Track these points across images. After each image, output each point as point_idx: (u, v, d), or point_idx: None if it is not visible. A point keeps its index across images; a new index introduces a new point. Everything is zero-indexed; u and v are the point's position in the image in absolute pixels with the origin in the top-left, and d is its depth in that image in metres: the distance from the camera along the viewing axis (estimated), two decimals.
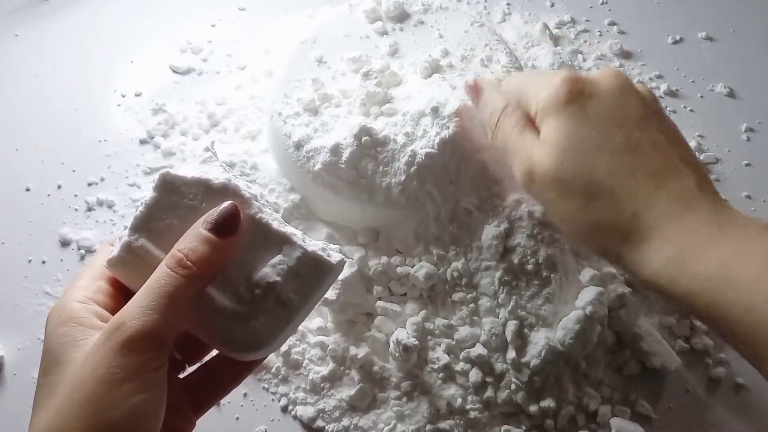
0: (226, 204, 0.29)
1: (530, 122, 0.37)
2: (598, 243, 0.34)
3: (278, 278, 0.30)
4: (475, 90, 0.42)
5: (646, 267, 0.32)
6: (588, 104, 0.34)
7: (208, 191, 0.30)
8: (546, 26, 0.63)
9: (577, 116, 0.34)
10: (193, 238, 0.28)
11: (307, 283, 0.30)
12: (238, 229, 0.29)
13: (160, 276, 0.28)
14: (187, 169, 0.31)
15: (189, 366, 0.34)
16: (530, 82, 0.38)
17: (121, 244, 0.30)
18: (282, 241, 0.30)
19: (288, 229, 0.31)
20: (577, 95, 0.35)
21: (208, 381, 0.33)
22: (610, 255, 0.34)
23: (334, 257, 0.31)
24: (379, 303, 0.46)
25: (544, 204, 0.37)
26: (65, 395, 0.26)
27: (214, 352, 0.34)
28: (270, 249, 0.30)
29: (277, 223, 0.31)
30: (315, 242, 0.31)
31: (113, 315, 0.28)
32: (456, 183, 0.44)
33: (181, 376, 0.33)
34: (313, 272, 0.30)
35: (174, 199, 0.30)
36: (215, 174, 0.31)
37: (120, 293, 0.31)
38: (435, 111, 0.44)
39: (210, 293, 0.29)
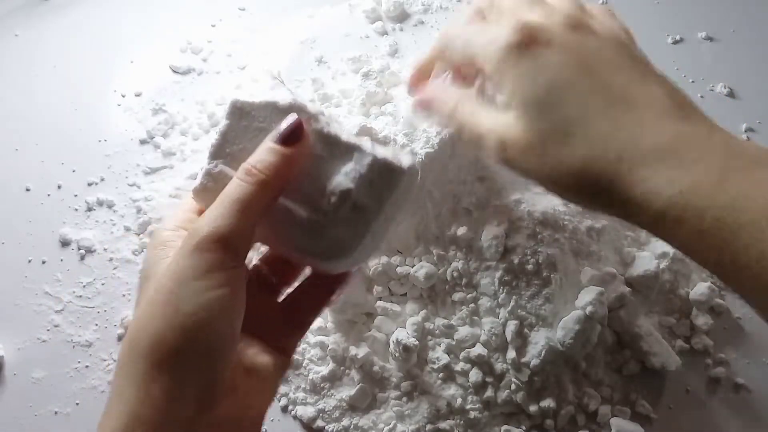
0: (290, 117, 0.31)
1: (480, 89, 0.34)
2: (589, 193, 0.30)
3: (351, 185, 0.30)
4: (424, 105, 0.38)
5: (649, 207, 0.28)
6: (544, 53, 0.31)
7: (276, 112, 0.32)
8: None
9: (535, 69, 0.31)
10: (261, 151, 0.30)
11: (381, 189, 0.31)
12: (302, 137, 0.30)
13: (231, 186, 0.29)
14: (256, 95, 0.33)
15: (284, 289, 0.35)
16: (474, 35, 0.34)
17: (202, 172, 0.33)
18: (352, 150, 0.31)
19: (357, 140, 0.31)
20: (530, 45, 0.31)
21: (303, 301, 0.34)
22: (606, 203, 0.30)
23: (405, 161, 0.31)
24: (379, 303, 0.46)
25: (525, 172, 0.33)
26: (149, 299, 0.28)
27: (307, 274, 0.35)
28: (342, 159, 0.31)
29: (345, 134, 0.32)
30: (386, 149, 0.32)
31: None
32: (456, 183, 0.44)
33: (279, 299, 0.34)
34: (385, 177, 0.31)
35: (245, 124, 0.32)
36: (282, 96, 0.33)
37: None
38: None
39: (289, 208, 0.31)
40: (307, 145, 0.31)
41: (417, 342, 0.43)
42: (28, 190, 0.54)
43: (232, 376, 0.29)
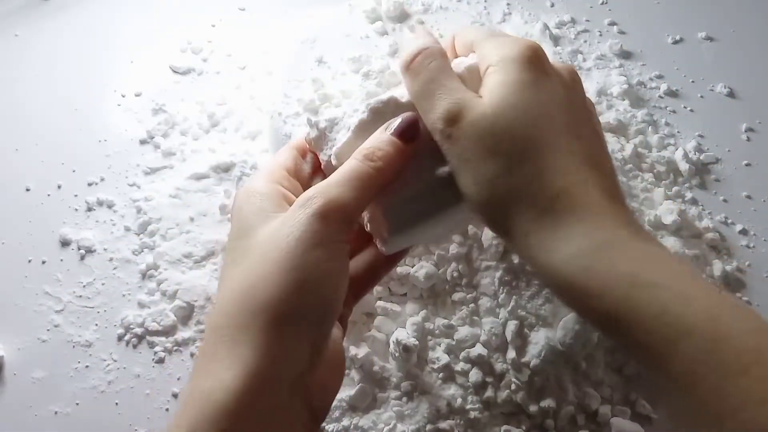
0: (408, 114, 0.33)
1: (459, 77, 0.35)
2: (506, 216, 0.31)
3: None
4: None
5: (558, 252, 0.29)
6: (544, 80, 0.33)
7: (398, 107, 0.35)
8: (546, 26, 0.63)
9: (532, 84, 0.32)
10: (380, 139, 0.32)
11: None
12: (417, 136, 0.33)
13: (352, 164, 0.31)
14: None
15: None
16: (489, 37, 0.35)
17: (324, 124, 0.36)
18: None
19: None
20: (538, 66, 0.33)
21: (366, 270, 0.37)
22: (514, 232, 0.31)
23: None
24: (379, 303, 0.46)
25: (458, 159, 0.32)
26: (261, 253, 0.29)
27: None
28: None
29: None
30: None
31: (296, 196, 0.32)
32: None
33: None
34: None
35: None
36: (402, 92, 0.35)
37: (302, 185, 0.35)
38: None
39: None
40: (419, 143, 0.33)
41: (417, 342, 0.43)
42: (28, 190, 0.54)
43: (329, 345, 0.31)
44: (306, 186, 0.35)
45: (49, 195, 0.54)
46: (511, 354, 0.43)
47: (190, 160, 0.55)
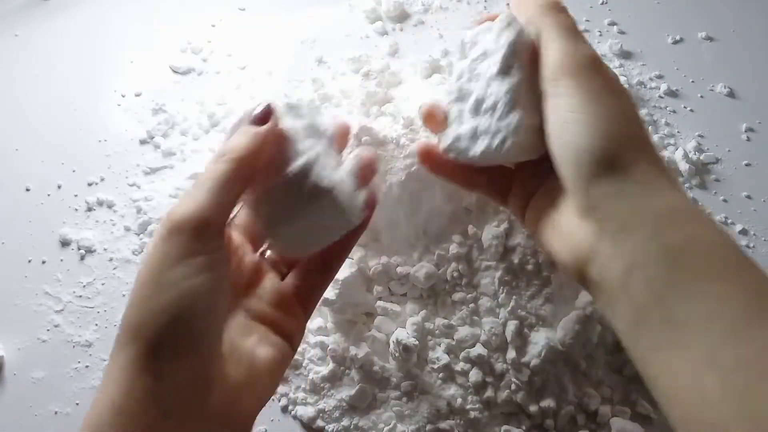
0: (262, 102, 0.32)
1: None
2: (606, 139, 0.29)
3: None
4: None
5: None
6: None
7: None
8: None
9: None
10: (234, 134, 0.31)
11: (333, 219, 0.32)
12: (269, 119, 0.31)
13: (204, 170, 0.30)
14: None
15: (290, 270, 0.36)
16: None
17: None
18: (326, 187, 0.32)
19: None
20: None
21: (303, 280, 0.34)
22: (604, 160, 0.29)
23: (355, 216, 0.32)
24: (379, 303, 0.46)
25: (570, 89, 0.30)
26: (132, 289, 0.28)
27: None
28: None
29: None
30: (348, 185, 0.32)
31: None
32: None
33: (287, 279, 0.35)
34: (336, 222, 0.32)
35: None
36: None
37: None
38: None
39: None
40: (276, 123, 0.31)
41: (417, 342, 0.43)
42: (28, 190, 0.54)
43: (225, 366, 0.28)
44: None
45: (49, 195, 0.54)
46: (511, 354, 0.43)
47: (190, 160, 0.55)
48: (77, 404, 0.45)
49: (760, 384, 0.23)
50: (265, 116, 0.31)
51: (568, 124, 0.30)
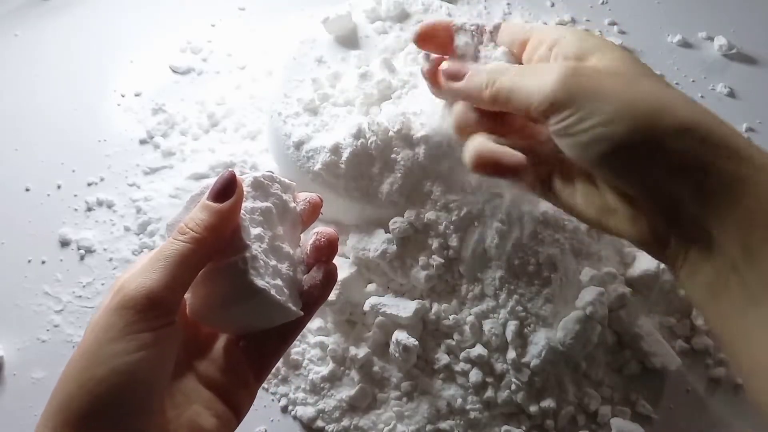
0: (224, 173, 0.30)
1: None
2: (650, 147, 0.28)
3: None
4: (453, 75, 0.35)
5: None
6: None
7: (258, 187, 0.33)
8: None
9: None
10: (195, 209, 0.30)
11: (265, 313, 0.31)
12: (233, 194, 0.30)
13: (164, 245, 0.29)
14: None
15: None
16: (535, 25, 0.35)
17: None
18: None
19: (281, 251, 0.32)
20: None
21: (262, 345, 0.33)
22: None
23: (292, 309, 0.31)
24: (380, 303, 0.46)
25: (563, 128, 0.30)
26: (72, 356, 0.28)
27: None
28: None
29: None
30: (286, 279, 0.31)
31: None
32: (455, 182, 0.44)
33: (241, 344, 0.33)
34: (270, 312, 0.31)
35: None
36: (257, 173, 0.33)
37: None
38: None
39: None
40: (240, 199, 0.30)
41: (417, 342, 0.43)
42: (28, 190, 0.54)
43: None
44: None
45: (49, 195, 0.54)
46: (511, 354, 0.43)
47: (190, 160, 0.55)
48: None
49: None
50: (228, 190, 0.30)
51: None
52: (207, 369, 0.31)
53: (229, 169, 0.31)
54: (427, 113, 0.44)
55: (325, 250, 0.33)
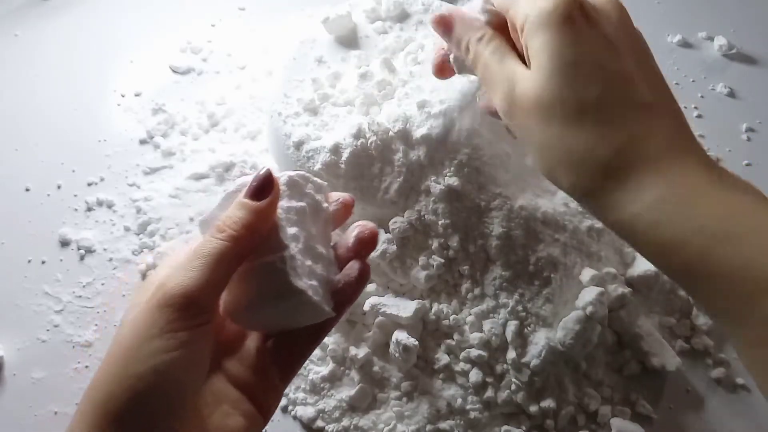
0: (260, 169, 0.30)
1: (513, 47, 0.34)
2: (575, 177, 0.31)
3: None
4: (444, 23, 0.37)
5: (627, 207, 0.29)
6: (585, 25, 0.31)
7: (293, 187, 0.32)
8: None
9: (572, 36, 0.31)
10: (232, 207, 0.30)
11: (300, 314, 0.30)
12: (271, 192, 0.30)
13: (201, 243, 0.29)
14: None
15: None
16: None
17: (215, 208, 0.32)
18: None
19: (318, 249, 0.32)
20: (575, 13, 0.31)
21: (290, 345, 0.32)
22: (586, 192, 0.30)
23: (326, 307, 0.30)
24: (380, 303, 0.46)
25: (523, 132, 0.33)
26: (108, 353, 0.28)
27: None
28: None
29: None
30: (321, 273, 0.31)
31: None
32: (455, 180, 0.44)
33: (269, 343, 0.33)
34: (306, 312, 0.30)
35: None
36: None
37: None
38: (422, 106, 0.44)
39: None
40: (277, 197, 0.30)
41: (417, 342, 0.43)
42: (28, 190, 0.54)
43: None
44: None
45: (48, 195, 0.54)
46: (511, 354, 0.43)
47: (189, 160, 0.55)
48: (77, 404, 0.44)
49: None
50: (266, 189, 0.30)
51: None
52: (236, 368, 0.30)
53: (266, 167, 0.30)
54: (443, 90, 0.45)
55: (369, 243, 0.33)
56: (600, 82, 0.30)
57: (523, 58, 0.33)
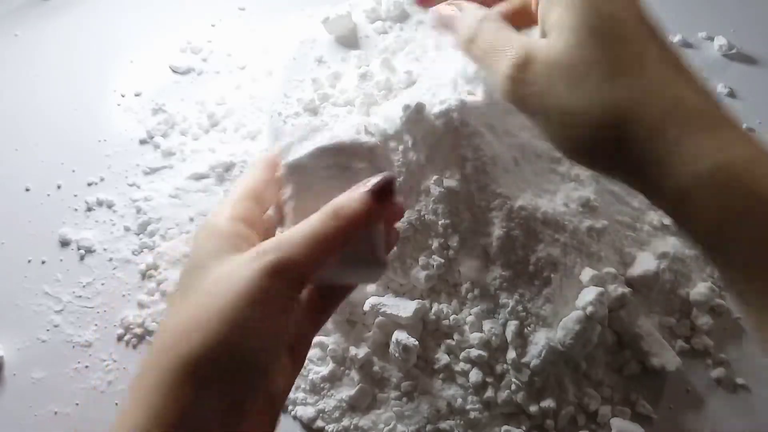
0: (387, 173, 0.31)
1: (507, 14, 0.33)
2: (609, 148, 0.28)
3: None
4: (444, 23, 0.36)
5: (688, 169, 0.26)
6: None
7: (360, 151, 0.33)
8: None
9: (597, 3, 0.29)
10: (352, 197, 0.30)
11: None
12: (391, 199, 0.31)
13: (315, 220, 0.29)
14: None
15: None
16: None
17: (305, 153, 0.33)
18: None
19: None
20: None
21: (330, 296, 0.35)
22: (624, 160, 0.28)
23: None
24: (380, 303, 0.46)
25: (539, 102, 0.30)
26: (203, 299, 0.28)
27: None
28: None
29: None
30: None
31: (258, 232, 0.31)
32: (455, 180, 0.44)
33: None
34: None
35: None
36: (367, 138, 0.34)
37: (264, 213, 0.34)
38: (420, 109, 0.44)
39: None
40: (392, 205, 0.31)
41: (417, 342, 0.43)
42: (28, 190, 0.54)
43: (257, 404, 0.29)
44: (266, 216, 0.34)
45: (48, 195, 0.54)
46: (511, 354, 0.43)
47: (189, 160, 0.55)
48: (77, 404, 0.44)
49: None
50: (387, 194, 0.30)
51: None
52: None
53: (393, 173, 0.31)
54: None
55: (396, 216, 0.36)
56: (632, 41, 0.28)
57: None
